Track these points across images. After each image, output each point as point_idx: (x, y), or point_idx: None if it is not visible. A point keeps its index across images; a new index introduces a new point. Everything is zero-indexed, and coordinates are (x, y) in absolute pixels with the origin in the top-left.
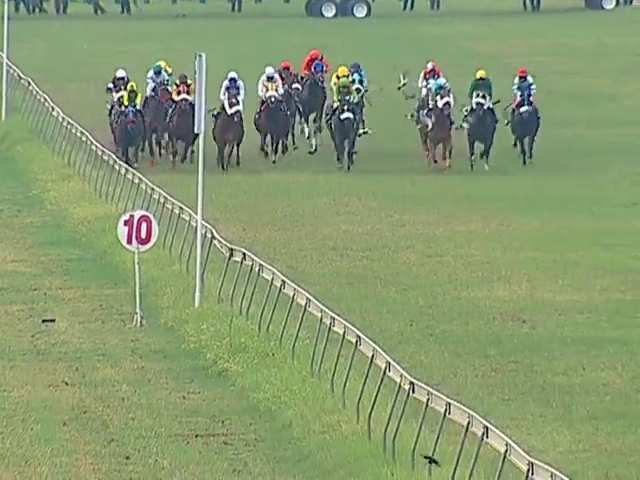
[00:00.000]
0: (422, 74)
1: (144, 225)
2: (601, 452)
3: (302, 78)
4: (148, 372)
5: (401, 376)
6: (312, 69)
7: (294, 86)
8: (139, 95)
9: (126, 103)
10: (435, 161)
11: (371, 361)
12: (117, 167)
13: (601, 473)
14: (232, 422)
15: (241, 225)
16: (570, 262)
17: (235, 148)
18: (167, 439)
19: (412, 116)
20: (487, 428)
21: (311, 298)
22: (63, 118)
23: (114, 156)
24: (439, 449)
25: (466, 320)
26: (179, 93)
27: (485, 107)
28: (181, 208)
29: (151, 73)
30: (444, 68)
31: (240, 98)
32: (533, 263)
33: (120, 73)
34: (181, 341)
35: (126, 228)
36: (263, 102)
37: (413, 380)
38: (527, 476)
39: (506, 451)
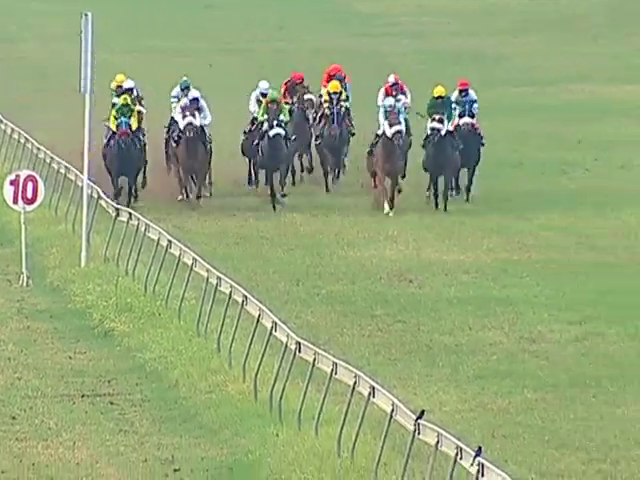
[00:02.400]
0: (382, 91)
1: (30, 185)
2: (487, 411)
3: (320, 96)
4: (34, 332)
5: (287, 336)
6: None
7: (307, 97)
8: (134, 112)
9: (114, 120)
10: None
11: (257, 321)
12: (2, 126)
13: (487, 432)
14: (118, 382)
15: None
16: (456, 222)
17: (205, 178)
18: (53, 399)
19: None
20: (373, 388)
21: (197, 258)
22: None
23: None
24: (325, 409)
25: (353, 280)
26: (184, 116)
27: (442, 132)
28: (67, 168)
29: (177, 90)
30: (326, 27)
31: (199, 118)
32: (420, 223)
33: (127, 83)
34: (67, 301)
35: (12, 188)
36: (253, 120)
37: (299, 340)
38: (413, 436)
39: (392, 411)
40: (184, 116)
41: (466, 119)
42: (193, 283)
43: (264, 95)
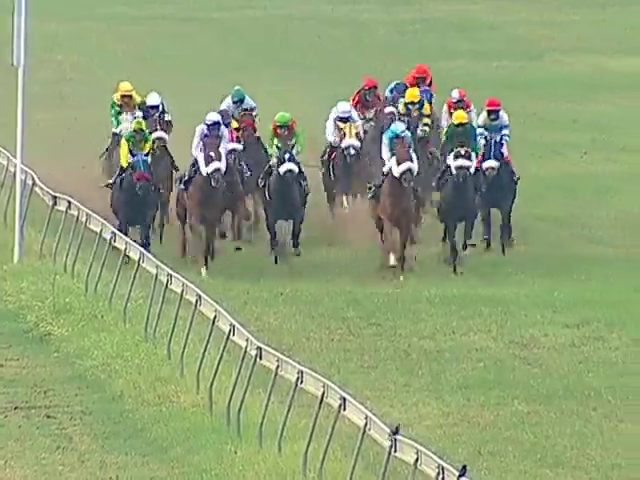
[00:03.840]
0: (445, 108)
1: None
2: (473, 426)
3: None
4: None
5: (247, 340)
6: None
7: (388, 110)
8: (148, 139)
9: (125, 153)
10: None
11: (213, 323)
12: None
13: (473, 449)
14: (56, 393)
15: (67, 170)
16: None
17: (215, 230)
18: None
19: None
20: (344, 399)
21: (145, 253)
22: None
23: None
24: (290, 423)
25: (320, 277)
26: (209, 159)
27: (472, 170)
28: None
29: (227, 103)
30: None
31: (223, 151)
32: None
33: (153, 99)
34: None
35: None
36: (332, 150)
37: (261, 345)
38: (389, 453)
39: (366, 425)
40: (208, 158)
41: (491, 162)
42: (140, 281)
43: (343, 120)
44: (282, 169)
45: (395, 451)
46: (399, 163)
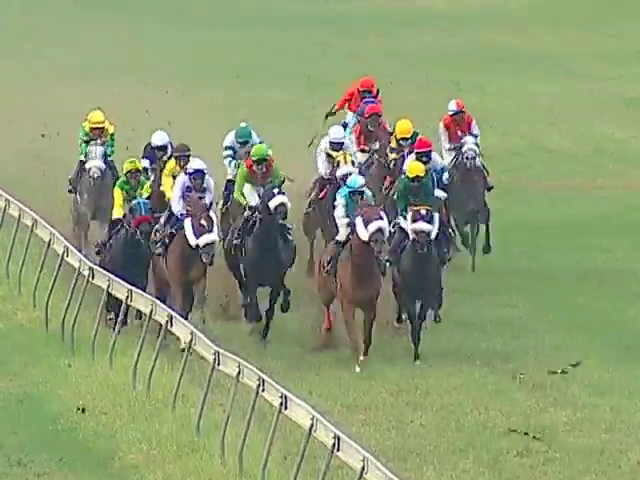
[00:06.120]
0: (442, 128)
1: None
2: (293, 341)
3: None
4: None
5: (80, 262)
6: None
7: (392, 156)
8: (145, 183)
9: (119, 201)
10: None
11: (48, 246)
12: None
13: (292, 362)
14: None
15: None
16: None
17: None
18: None
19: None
20: (171, 317)
21: None
22: None
23: None
24: (120, 338)
25: None
26: (201, 230)
27: (433, 236)
28: None
29: (230, 139)
30: None
31: (213, 215)
32: None
33: (159, 138)
34: None
35: None
36: (323, 185)
37: (92, 266)
38: (213, 367)
39: (191, 340)
40: (200, 229)
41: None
42: None
43: (336, 148)
44: (273, 203)
45: (219, 364)
46: (366, 223)
